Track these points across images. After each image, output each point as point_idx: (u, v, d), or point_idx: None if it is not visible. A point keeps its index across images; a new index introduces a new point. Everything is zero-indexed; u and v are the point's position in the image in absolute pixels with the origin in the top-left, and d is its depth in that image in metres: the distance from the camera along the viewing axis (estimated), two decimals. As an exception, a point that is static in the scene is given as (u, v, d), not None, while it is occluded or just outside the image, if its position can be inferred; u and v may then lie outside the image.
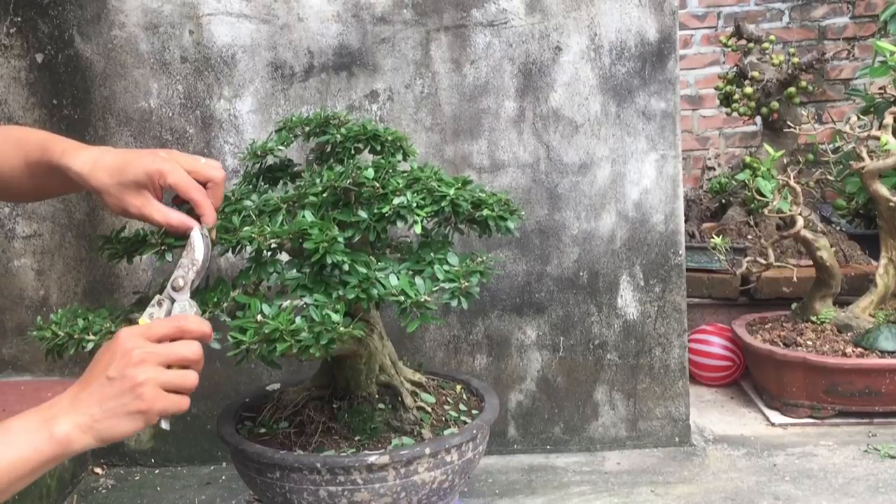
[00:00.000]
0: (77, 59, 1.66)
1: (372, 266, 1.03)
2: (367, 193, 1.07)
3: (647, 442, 1.79)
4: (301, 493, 1.11)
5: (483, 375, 1.75)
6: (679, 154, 1.73)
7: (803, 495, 1.54)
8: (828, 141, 2.57)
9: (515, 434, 1.78)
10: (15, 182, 1.03)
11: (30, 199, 1.19)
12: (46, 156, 0.99)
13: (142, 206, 0.97)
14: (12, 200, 1.41)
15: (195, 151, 1.68)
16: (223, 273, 1.68)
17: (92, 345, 0.98)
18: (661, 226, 1.74)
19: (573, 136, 1.71)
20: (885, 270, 1.99)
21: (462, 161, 1.71)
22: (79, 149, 0.99)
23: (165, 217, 0.98)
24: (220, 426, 1.23)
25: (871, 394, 1.82)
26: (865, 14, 3.60)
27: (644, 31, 1.69)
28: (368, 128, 1.20)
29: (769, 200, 2.00)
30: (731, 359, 2.14)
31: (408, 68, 1.69)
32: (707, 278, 2.33)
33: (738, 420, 1.94)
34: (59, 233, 1.70)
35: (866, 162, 1.93)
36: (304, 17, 1.67)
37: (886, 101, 2.28)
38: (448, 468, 1.15)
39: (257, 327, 0.96)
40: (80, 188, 1.00)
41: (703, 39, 3.69)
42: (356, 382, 1.22)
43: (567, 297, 1.74)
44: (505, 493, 1.60)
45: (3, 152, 1.02)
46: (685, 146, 3.50)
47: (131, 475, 1.73)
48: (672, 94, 1.71)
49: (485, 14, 1.68)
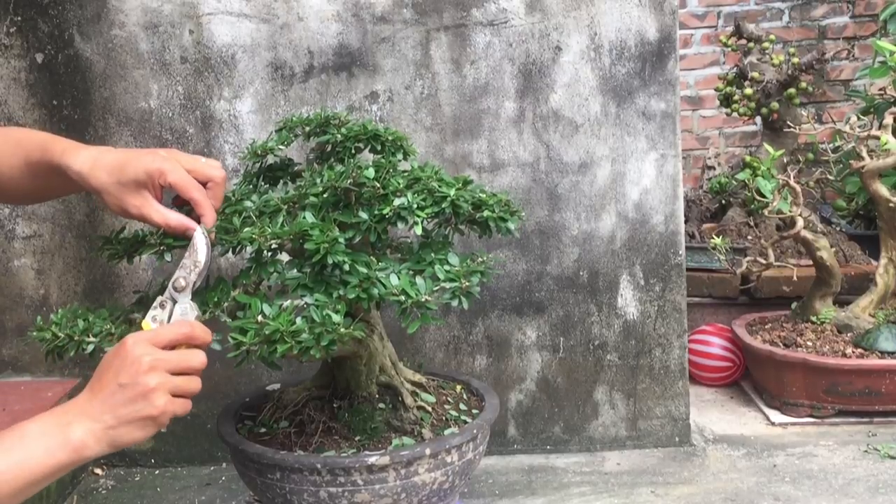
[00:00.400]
0: (77, 59, 1.66)
1: (373, 266, 1.03)
2: (368, 194, 1.07)
3: (647, 442, 1.79)
4: (301, 494, 1.11)
5: (483, 376, 1.75)
6: (679, 154, 1.73)
7: (803, 496, 1.54)
8: (828, 141, 2.57)
9: (515, 434, 1.78)
10: (14, 183, 1.02)
11: (30, 200, 1.19)
12: (47, 156, 0.99)
13: (141, 207, 0.97)
14: (12, 202, 1.40)
15: (195, 151, 1.68)
16: (223, 273, 1.68)
17: (92, 346, 0.98)
18: (661, 226, 1.74)
19: (573, 136, 1.71)
20: (885, 270, 1.99)
21: (462, 161, 1.71)
22: (78, 148, 0.99)
23: (164, 218, 0.98)
24: (220, 426, 1.23)
25: (870, 394, 1.82)
26: (865, 13, 3.60)
27: (644, 31, 1.69)
28: (369, 127, 1.20)
29: (769, 201, 2.00)
30: (731, 359, 2.14)
31: (408, 68, 1.69)
32: (707, 278, 2.33)
33: (738, 419, 1.94)
34: (59, 233, 1.70)
35: (866, 161, 1.93)
36: (304, 17, 1.67)
37: (886, 101, 2.28)
38: (448, 469, 1.15)
39: (258, 328, 0.96)
40: (80, 188, 1.00)
41: (703, 39, 3.68)
42: (356, 382, 1.22)
43: (567, 297, 1.74)
44: (505, 493, 1.60)
45: (3, 153, 1.01)
46: (685, 146, 3.50)
47: (131, 476, 1.73)
48: (672, 95, 1.71)
49: (485, 13, 1.68)
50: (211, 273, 1.01)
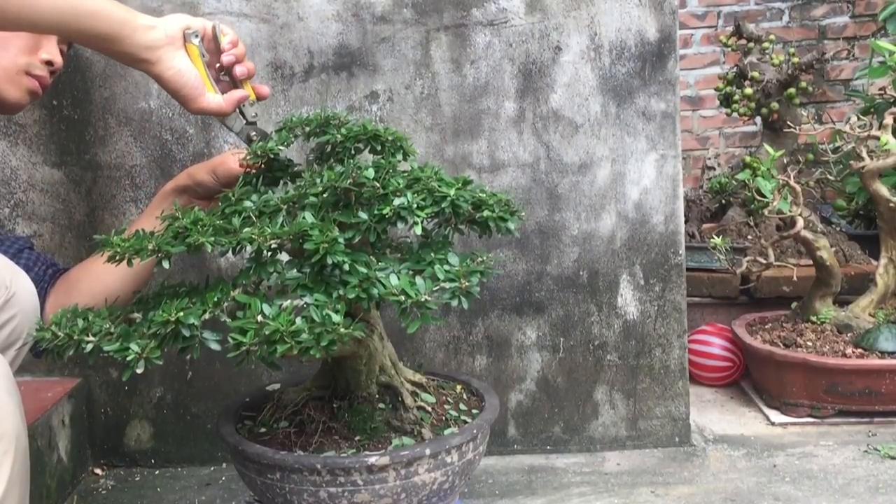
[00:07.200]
0: (77, 59, 1.66)
1: (372, 266, 1.03)
2: (368, 194, 1.07)
3: (647, 442, 1.79)
4: (301, 495, 1.11)
5: (483, 376, 1.75)
6: (679, 154, 1.73)
7: (803, 496, 1.54)
8: (828, 141, 2.58)
9: (515, 434, 1.78)
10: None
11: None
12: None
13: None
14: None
15: (195, 151, 1.68)
16: (223, 273, 1.68)
17: (91, 346, 0.98)
18: (661, 225, 1.74)
19: (573, 136, 1.71)
20: (885, 270, 1.99)
21: (462, 161, 1.71)
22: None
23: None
24: (220, 426, 1.23)
25: (871, 394, 1.82)
26: (865, 13, 3.61)
27: (644, 31, 1.69)
28: (369, 128, 1.20)
29: (769, 201, 2.00)
30: (731, 359, 2.14)
31: (408, 68, 1.69)
32: (707, 277, 2.33)
33: (738, 419, 1.94)
34: (59, 233, 1.70)
35: (866, 161, 1.93)
36: (304, 17, 1.67)
37: (886, 101, 2.28)
38: (448, 469, 1.15)
39: (257, 328, 0.96)
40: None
41: (703, 39, 3.69)
42: (356, 382, 1.22)
43: (567, 296, 1.74)
44: (505, 493, 1.60)
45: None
46: (685, 146, 3.50)
47: (131, 476, 1.73)
48: (672, 95, 1.71)
49: (485, 13, 1.68)
50: (211, 273, 1.02)
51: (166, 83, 1.15)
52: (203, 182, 1.31)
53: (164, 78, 1.14)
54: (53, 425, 1.58)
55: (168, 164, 1.69)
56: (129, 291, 1.24)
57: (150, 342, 0.97)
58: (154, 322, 0.97)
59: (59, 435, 1.60)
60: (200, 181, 1.31)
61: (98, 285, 1.26)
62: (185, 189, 1.33)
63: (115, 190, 1.69)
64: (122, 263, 1.04)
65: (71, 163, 1.68)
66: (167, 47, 1.12)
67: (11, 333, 1.05)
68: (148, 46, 1.10)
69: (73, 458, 1.66)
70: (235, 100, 1.22)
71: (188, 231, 1.04)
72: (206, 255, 1.66)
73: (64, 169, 1.69)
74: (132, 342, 0.97)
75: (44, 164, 1.68)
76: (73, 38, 1.12)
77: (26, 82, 1.24)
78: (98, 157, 1.68)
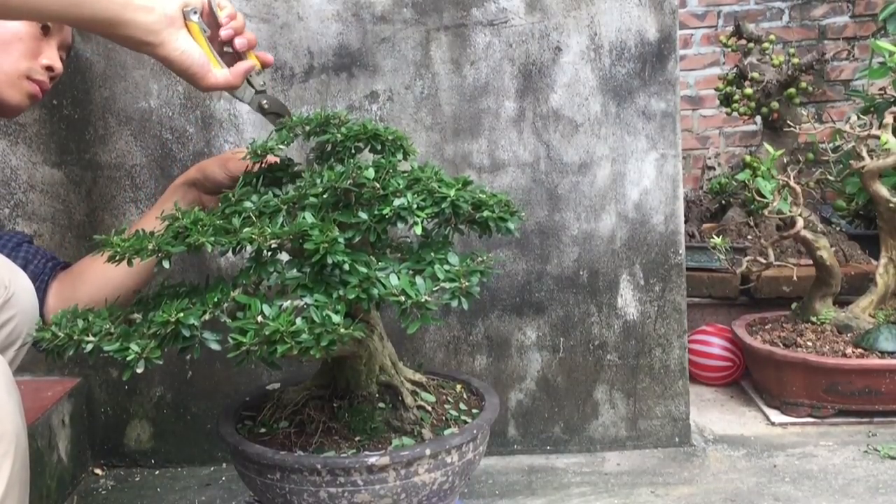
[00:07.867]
0: (77, 60, 1.66)
1: (372, 266, 1.03)
2: (368, 194, 1.07)
3: (647, 442, 1.79)
4: (301, 495, 1.11)
5: (483, 376, 1.75)
6: (679, 154, 1.73)
7: (803, 496, 1.54)
8: (828, 140, 2.58)
9: (515, 434, 1.78)
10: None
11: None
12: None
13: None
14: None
15: (195, 150, 1.68)
16: (223, 273, 1.68)
17: (91, 346, 0.98)
18: (661, 225, 1.74)
19: (573, 136, 1.71)
20: (885, 270, 1.99)
21: (462, 160, 1.71)
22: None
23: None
24: (220, 426, 1.23)
25: (871, 393, 1.82)
26: (865, 13, 3.60)
27: (644, 31, 1.69)
28: (369, 127, 1.20)
29: (769, 201, 2.00)
30: (731, 359, 2.14)
31: (408, 68, 1.69)
32: (707, 277, 2.33)
33: (738, 419, 1.94)
34: (59, 233, 1.70)
35: (866, 161, 1.93)
36: (304, 17, 1.67)
37: (886, 101, 2.28)
38: (448, 469, 1.15)
39: (258, 329, 0.96)
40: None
41: (703, 39, 3.69)
42: (356, 382, 1.22)
43: (567, 297, 1.74)
44: (505, 493, 1.60)
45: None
46: (685, 145, 3.50)
47: (131, 476, 1.73)
48: (672, 95, 1.71)
49: (485, 13, 1.68)
50: (211, 273, 1.02)
51: (173, 65, 1.15)
52: (214, 176, 1.31)
53: (171, 60, 1.14)
54: (53, 425, 1.58)
55: (168, 164, 1.69)
56: (134, 285, 1.26)
57: (150, 342, 0.97)
58: (154, 322, 0.97)
59: (59, 435, 1.60)
60: (211, 175, 1.31)
61: (102, 277, 1.27)
62: (194, 182, 1.34)
63: (115, 190, 1.69)
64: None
65: (71, 163, 1.68)
66: (169, 29, 1.12)
67: (11, 333, 1.05)
68: (150, 30, 1.10)
69: (73, 458, 1.66)
70: (242, 71, 1.21)
71: (188, 231, 1.04)
72: (206, 255, 1.66)
73: (64, 169, 1.69)
74: (132, 342, 0.97)
75: (44, 163, 1.68)
76: (77, 24, 1.12)
77: (27, 86, 1.25)
78: (98, 156, 1.68)
